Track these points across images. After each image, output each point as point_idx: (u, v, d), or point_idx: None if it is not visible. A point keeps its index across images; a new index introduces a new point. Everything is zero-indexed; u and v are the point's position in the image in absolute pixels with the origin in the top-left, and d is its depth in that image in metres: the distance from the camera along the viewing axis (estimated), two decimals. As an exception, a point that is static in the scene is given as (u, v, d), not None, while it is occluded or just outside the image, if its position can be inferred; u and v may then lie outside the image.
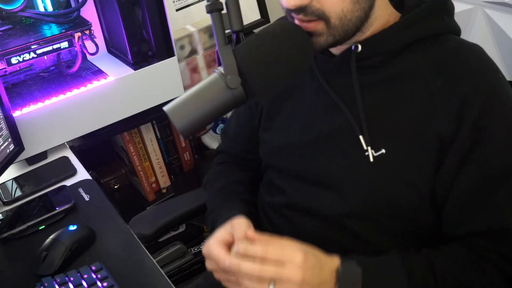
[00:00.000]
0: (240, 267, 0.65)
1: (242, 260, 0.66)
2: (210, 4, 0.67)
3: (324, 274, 0.66)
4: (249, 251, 0.66)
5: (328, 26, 0.68)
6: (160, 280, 0.82)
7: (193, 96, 0.68)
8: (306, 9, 0.67)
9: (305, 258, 0.65)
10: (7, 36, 1.18)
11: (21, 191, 1.09)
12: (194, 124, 0.67)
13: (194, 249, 1.55)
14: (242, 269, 0.65)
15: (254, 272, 0.64)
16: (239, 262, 0.65)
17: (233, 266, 0.66)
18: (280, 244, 0.67)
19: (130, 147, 1.54)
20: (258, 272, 0.64)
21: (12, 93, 1.21)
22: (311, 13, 0.67)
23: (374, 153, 0.73)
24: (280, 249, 0.65)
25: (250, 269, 0.64)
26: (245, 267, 0.65)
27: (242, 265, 0.65)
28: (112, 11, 1.24)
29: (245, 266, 0.65)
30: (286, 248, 0.66)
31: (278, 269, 0.64)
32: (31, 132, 1.14)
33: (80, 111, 1.21)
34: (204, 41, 1.44)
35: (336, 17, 0.68)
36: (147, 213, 1.20)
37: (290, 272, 0.64)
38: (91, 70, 1.30)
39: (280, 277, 0.64)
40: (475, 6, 1.12)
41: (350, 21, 0.68)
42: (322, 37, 0.70)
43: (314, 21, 0.68)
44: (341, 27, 0.69)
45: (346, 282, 0.67)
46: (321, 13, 0.67)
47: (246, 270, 0.65)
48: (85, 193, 1.05)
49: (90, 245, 0.91)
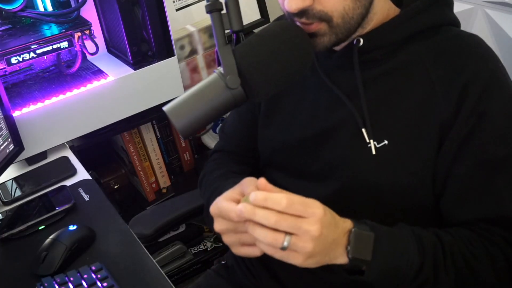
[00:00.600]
0: (254, 214, 0.59)
1: (257, 207, 0.60)
2: (210, 4, 0.67)
3: (337, 232, 0.63)
4: (271, 199, 0.59)
5: (331, 26, 0.69)
6: (160, 280, 0.82)
7: (193, 96, 0.68)
8: (308, 12, 0.68)
9: (324, 214, 0.61)
10: (7, 36, 1.18)
11: (21, 191, 1.08)
12: (194, 124, 0.67)
13: (194, 249, 1.55)
14: (257, 216, 0.59)
15: (270, 221, 0.59)
16: (254, 208, 0.60)
17: (246, 212, 0.60)
18: (300, 197, 0.61)
19: (130, 147, 1.54)
20: (274, 222, 0.59)
21: (12, 93, 1.21)
22: (313, 16, 0.68)
23: (377, 144, 0.74)
24: (303, 201, 0.60)
25: (266, 217, 0.59)
26: (261, 215, 0.59)
27: (258, 212, 0.59)
28: (112, 11, 1.24)
29: (261, 213, 0.59)
30: (308, 201, 0.61)
31: (297, 220, 0.59)
32: (31, 132, 1.14)
33: (80, 111, 1.21)
34: (204, 41, 1.44)
35: (338, 16, 0.68)
36: (147, 213, 1.20)
37: (310, 225, 0.59)
38: (91, 70, 1.30)
39: (298, 229, 0.59)
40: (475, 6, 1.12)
41: (352, 18, 0.69)
42: (325, 37, 0.70)
43: (316, 23, 0.69)
44: (343, 26, 0.69)
45: (358, 244, 0.64)
46: (323, 14, 0.68)
47: (261, 218, 0.59)
48: (85, 193, 1.05)
49: (90, 245, 0.90)
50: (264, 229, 0.59)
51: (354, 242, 0.64)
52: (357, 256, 0.63)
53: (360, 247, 0.64)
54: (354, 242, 0.64)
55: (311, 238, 0.60)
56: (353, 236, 0.64)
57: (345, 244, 0.64)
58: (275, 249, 0.60)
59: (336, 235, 0.63)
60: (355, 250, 0.63)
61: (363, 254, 0.64)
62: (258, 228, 0.60)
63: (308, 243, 0.60)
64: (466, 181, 0.71)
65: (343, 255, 0.64)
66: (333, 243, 0.63)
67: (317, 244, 0.60)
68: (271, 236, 0.59)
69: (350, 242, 0.64)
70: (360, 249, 0.64)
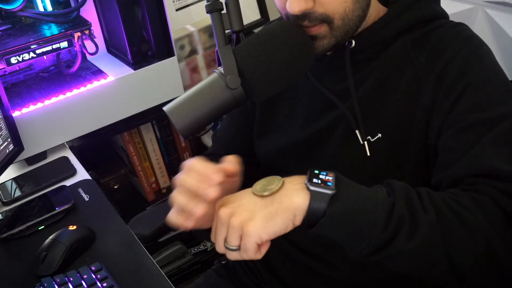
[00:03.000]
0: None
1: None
2: (210, 4, 0.67)
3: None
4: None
5: (331, 28, 0.70)
6: (160, 281, 0.82)
7: (193, 96, 0.68)
8: (310, 15, 0.68)
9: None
10: (6, 36, 1.18)
11: (20, 191, 1.08)
12: (194, 124, 0.67)
13: (194, 249, 1.55)
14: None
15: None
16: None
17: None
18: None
19: (130, 147, 1.54)
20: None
21: (12, 93, 1.21)
22: (315, 18, 0.69)
23: (371, 138, 0.74)
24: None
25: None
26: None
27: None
28: (111, 11, 1.24)
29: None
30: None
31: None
32: (30, 132, 1.14)
33: (80, 111, 1.20)
34: (204, 41, 1.44)
35: (339, 18, 0.69)
36: (147, 213, 1.20)
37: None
38: (91, 70, 1.30)
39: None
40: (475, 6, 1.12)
41: (351, 20, 0.70)
42: (325, 40, 0.71)
43: (318, 25, 0.69)
44: (343, 27, 0.70)
45: (317, 181, 0.58)
46: (325, 16, 0.68)
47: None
48: (84, 193, 1.05)
49: (89, 245, 0.90)
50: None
51: (311, 176, 0.59)
52: (316, 189, 0.57)
53: (319, 184, 0.58)
54: (311, 177, 0.59)
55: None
56: (311, 172, 0.59)
57: (303, 182, 0.59)
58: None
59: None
60: (315, 184, 0.58)
61: (324, 188, 0.57)
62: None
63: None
64: (451, 146, 0.69)
65: (299, 192, 0.58)
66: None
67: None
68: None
69: (308, 176, 0.59)
70: (319, 185, 0.58)
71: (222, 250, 0.61)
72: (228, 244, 0.59)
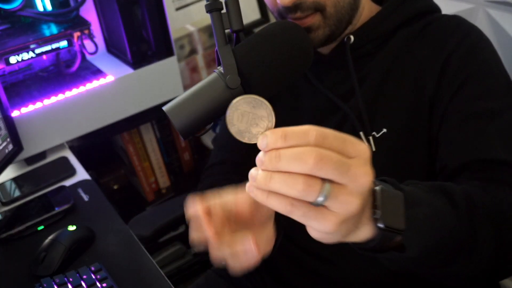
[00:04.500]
0: (280, 156, 0.41)
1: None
2: (209, 4, 0.67)
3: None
4: (294, 133, 0.41)
5: (324, 16, 0.71)
6: (159, 281, 0.82)
7: (193, 96, 0.67)
8: (302, 5, 0.69)
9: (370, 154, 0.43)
10: (6, 35, 1.17)
11: (20, 191, 1.08)
12: (193, 124, 0.67)
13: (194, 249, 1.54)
14: (286, 155, 0.41)
15: (308, 161, 0.40)
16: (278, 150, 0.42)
17: (268, 158, 0.42)
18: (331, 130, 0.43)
19: (129, 147, 1.53)
20: (314, 161, 0.40)
21: (11, 93, 1.21)
22: (307, 8, 0.69)
23: (376, 134, 0.75)
24: (339, 134, 0.42)
25: (300, 154, 0.40)
26: (293, 152, 0.41)
27: (285, 152, 0.41)
28: (111, 10, 1.24)
29: (290, 152, 0.41)
30: (346, 135, 0.43)
31: (344, 160, 0.41)
32: (30, 132, 1.14)
33: (79, 111, 1.20)
34: (204, 40, 1.44)
35: (331, 5, 0.70)
36: (147, 214, 1.20)
37: (359, 167, 0.41)
38: (91, 69, 1.30)
39: (344, 173, 0.40)
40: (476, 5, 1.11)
41: (343, 8, 0.71)
42: (319, 30, 0.72)
43: (311, 15, 0.70)
44: (336, 15, 0.71)
45: (388, 205, 0.46)
46: (316, 4, 0.69)
47: (292, 156, 0.40)
48: (84, 193, 1.05)
49: (89, 245, 0.90)
50: (291, 174, 0.40)
51: (383, 202, 0.45)
52: (390, 224, 0.45)
53: (390, 209, 0.46)
54: (382, 203, 0.45)
55: (360, 186, 0.41)
56: (380, 195, 0.45)
57: (370, 207, 0.46)
58: (300, 205, 0.41)
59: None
60: (386, 214, 0.45)
61: (396, 219, 0.46)
62: (279, 174, 0.41)
63: (354, 196, 0.41)
64: (455, 135, 0.68)
65: (368, 223, 0.46)
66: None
67: (364, 198, 0.42)
68: (304, 181, 0.40)
69: (377, 203, 0.45)
70: (391, 213, 0.46)
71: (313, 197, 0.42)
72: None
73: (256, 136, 0.45)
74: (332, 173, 0.40)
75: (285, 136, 0.42)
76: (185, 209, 0.59)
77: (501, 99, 0.69)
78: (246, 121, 0.46)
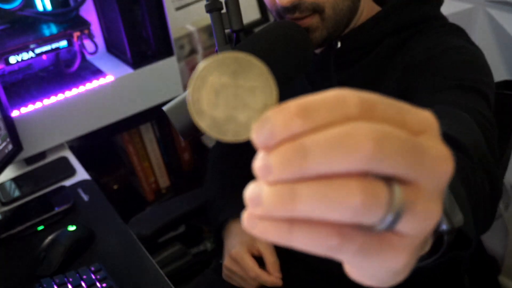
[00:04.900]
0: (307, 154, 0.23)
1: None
2: (209, 4, 0.66)
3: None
4: (322, 103, 0.23)
5: (322, 18, 0.70)
6: (159, 281, 0.82)
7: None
8: (301, 5, 0.69)
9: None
10: (5, 35, 1.17)
11: (19, 191, 1.08)
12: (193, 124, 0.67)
13: (194, 249, 1.54)
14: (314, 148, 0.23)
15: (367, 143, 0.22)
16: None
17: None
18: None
19: (129, 147, 1.53)
20: (375, 143, 0.22)
21: (11, 93, 1.20)
22: (306, 9, 0.69)
23: None
24: (389, 101, 0.26)
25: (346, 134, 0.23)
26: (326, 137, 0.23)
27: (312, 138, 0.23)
28: (111, 10, 1.24)
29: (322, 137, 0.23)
30: (397, 102, 0.26)
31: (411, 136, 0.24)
32: (29, 132, 1.13)
33: (79, 111, 1.20)
34: (204, 40, 1.44)
35: (330, 7, 0.70)
36: (147, 214, 1.19)
37: (435, 149, 0.24)
38: (90, 69, 1.29)
39: (419, 164, 0.23)
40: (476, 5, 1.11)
41: (342, 10, 0.71)
42: (317, 32, 0.72)
43: (309, 16, 0.70)
44: (334, 18, 0.71)
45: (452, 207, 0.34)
46: (315, 5, 0.69)
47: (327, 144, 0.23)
48: (84, 193, 1.04)
49: (89, 245, 0.90)
50: (331, 181, 0.22)
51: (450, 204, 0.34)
52: (454, 224, 0.33)
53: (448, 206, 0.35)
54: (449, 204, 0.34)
55: (439, 181, 0.24)
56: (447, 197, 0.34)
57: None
58: (353, 235, 0.23)
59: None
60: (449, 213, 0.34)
61: (455, 215, 0.34)
62: (311, 185, 0.23)
63: (433, 200, 0.24)
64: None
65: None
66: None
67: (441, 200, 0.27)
68: (361, 188, 0.22)
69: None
70: (449, 209, 0.34)
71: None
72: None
73: (247, 124, 0.26)
74: (401, 166, 0.22)
75: (306, 111, 0.23)
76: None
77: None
78: (225, 102, 0.26)
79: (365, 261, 0.24)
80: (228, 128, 0.26)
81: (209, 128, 0.26)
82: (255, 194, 0.23)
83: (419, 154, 0.23)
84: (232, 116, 0.26)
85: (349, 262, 0.25)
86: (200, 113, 0.26)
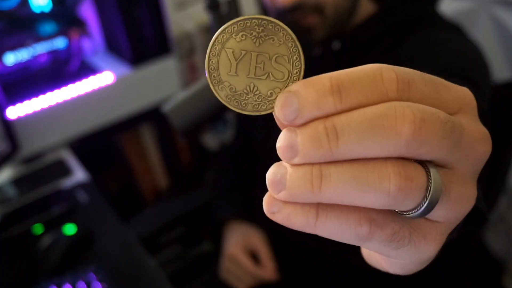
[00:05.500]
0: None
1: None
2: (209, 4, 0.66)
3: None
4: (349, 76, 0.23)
5: (323, 18, 0.70)
6: (159, 281, 0.81)
7: (192, 96, 0.67)
8: (302, 5, 0.69)
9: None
10: (3, 34, 1.17)
11: (18, 192, 1.07)
12: (193, 124, 0.66)
13: (193, 250, 1.54)
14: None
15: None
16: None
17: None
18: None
19: (129, 147, 1.53)
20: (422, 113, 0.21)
21: (9, 92, 1.20)
22: (307, 8, 0.69)
23: None
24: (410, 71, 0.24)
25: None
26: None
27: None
28: (110, 9, 1.23)
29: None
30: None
31: (449, 116, 0.22)
32: (27, 132, 1.13)
33: (78, 111, 1.20)
34: (204, 40, 1.43)
35: (331, 7, 0.70)
36: (146, 214, 1.19)
37: (472, 126, 0.24)
38: (89, 69, 1.29)
39: (458, 142, 0.22)
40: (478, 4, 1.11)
41: (342, 10, 0.71)
42: (316, 31, 0.72)
43: (310, 15, 0.70)
44: (334, 17, 0.71)
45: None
46: (317, 5, 0.69)
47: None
48: (83, 193, 1.04)
49: (88, 246, 0.90)
50: (365, 163, 0.21)
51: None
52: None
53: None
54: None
55: (476, 162, 0.24)
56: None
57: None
58: (387, 222, 0.22)
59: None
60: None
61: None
62: (341, 168, 0.21)
63: (469, 183, 0.24)
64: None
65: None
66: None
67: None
68: (398, 172, 0.21)
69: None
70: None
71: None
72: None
73: (270, 97, 0.23)
74: (440, 150, 0.21)
75: (341, 88, 0.21)
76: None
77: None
78: (245, 70, 0.24)
79: (394, 251, 0.23)
80: (248, 99, 0.24)
81: (229, 99, 0.24)
82: (279, 177, 0.22)
83: (458, 137, 0.22)
84: (253, 87, 0.23)
85: (376, 251, 0.23)
86: (219, 82, 0.24)
